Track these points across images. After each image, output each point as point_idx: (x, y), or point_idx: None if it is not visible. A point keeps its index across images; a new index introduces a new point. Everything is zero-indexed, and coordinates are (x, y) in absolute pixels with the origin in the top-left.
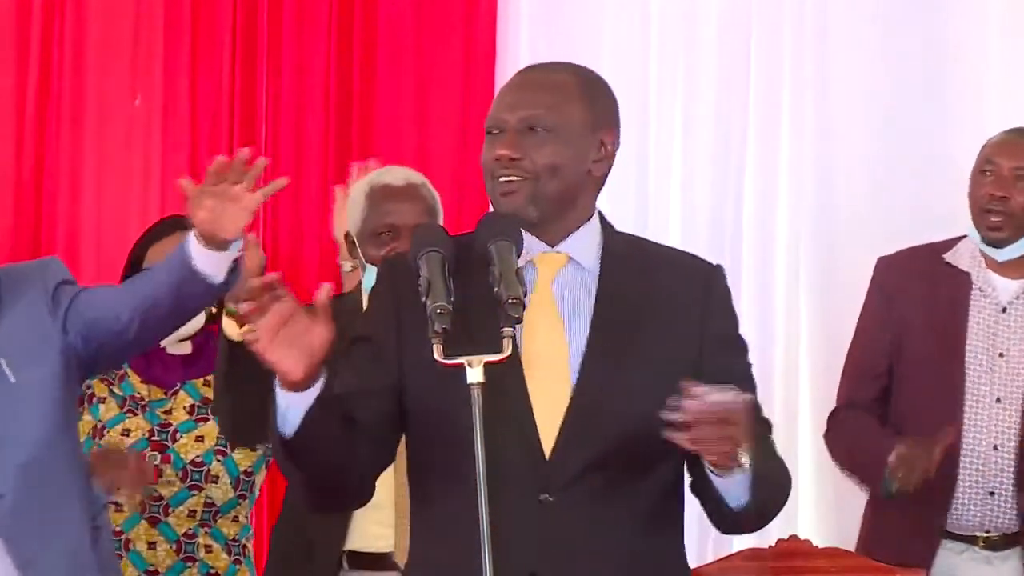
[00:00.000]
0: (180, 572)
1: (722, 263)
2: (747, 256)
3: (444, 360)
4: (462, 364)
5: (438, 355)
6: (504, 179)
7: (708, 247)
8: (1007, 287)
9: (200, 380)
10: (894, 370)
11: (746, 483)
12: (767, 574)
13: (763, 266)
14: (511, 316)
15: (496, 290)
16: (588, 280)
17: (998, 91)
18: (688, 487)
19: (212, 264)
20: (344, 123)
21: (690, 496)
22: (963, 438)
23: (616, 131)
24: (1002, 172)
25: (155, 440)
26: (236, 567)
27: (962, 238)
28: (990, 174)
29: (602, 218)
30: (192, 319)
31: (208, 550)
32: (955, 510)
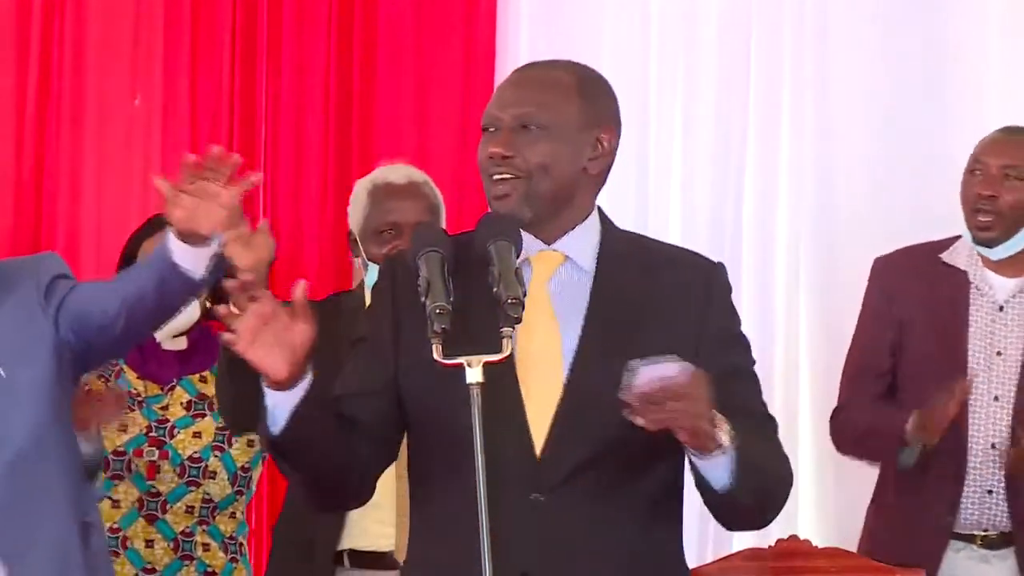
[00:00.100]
0: (177, 570)
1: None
2: (747, 256)
3: (443, 360)
4: (461, 364)
5: (437, 355)
6: (497, 177)
7: (708, 247)
8: (1004, 286)
9: (196, 376)
10: (895, 369)
11: (728, 464)
12: (767, 574)
13: (763, 266)
14: (510, 316)
15: (495, 290)
16: (584, 279)
17: (998, 91)
18: (694, 484)
19: (192, 260)
20: (344, 123)
21: (690, 496)
22: (966, 438)
23: (615, 129)
24: (990, 171)
25: (152, 436)
26: (232, 565)
27: (958, 238)
28: (979, 174)
29: (602, 216)
30: (179, 314)
31: (206, 548)
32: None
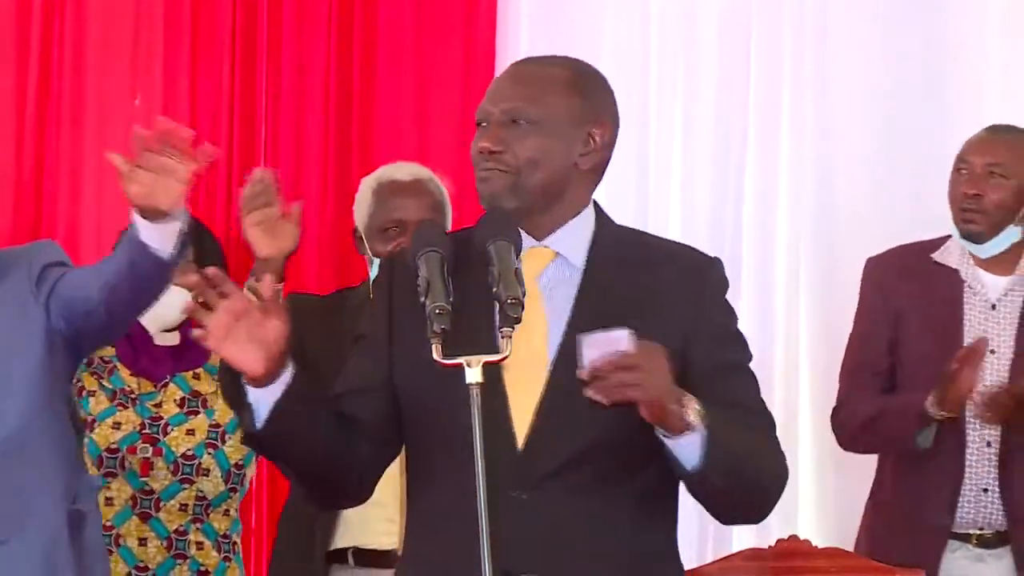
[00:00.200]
0: (170, 569)
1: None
2: (747, 256)
3: (443, 360)
4: (460, 364)
5: (437, 355)
6: (486, 171)
7: (708, 247)
8: (995, 284)
9: (189, 373)
10: (893, 367)
11: (698, 444)
12: (767, 574)
13: (763, 266)
14: (510, 316)
15: (495, 290)
16: (575, 275)
17: (998, 91)
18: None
19: (157, 237)
20: (344, 123)
21: (689, 495)
22: (964, 436)
23: (609, 125)
24: (975, 170)
25: (146, 433)
26: (226, 564)
27: (948, 238)
28: (965, 172)
29: (598, 211)
30: (161, 297)
31: (199, 547)
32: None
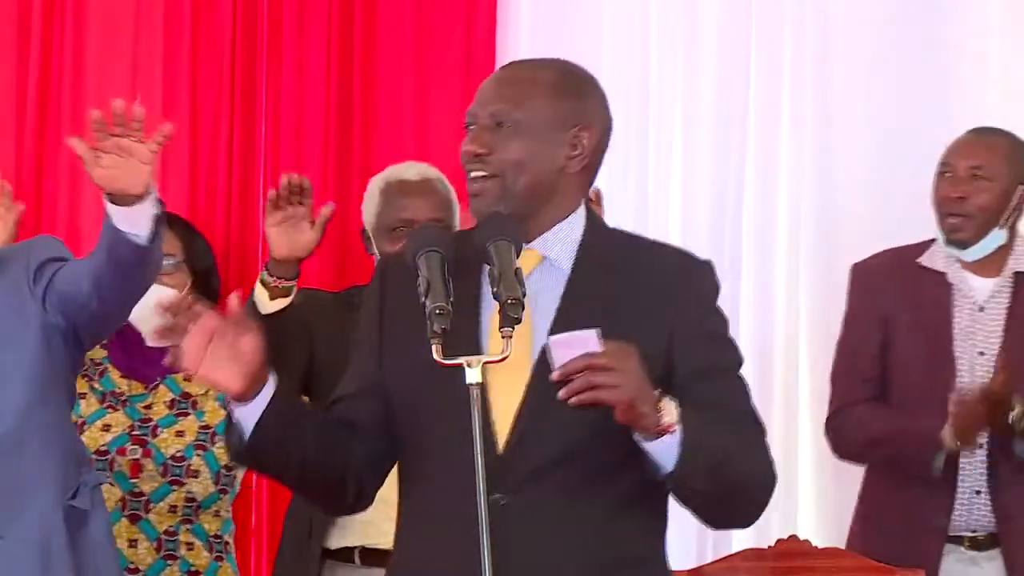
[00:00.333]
0: (161, 570)
1: (722, 263)
2: (747, 256)
3: (443, 360)
4: (460, 364)
5: (437, 355)
6: (473, 174)
7: (708, 247)
8: (983, 286)
9: (180, 375)
10: (885, 373)
11: (675, 446)
12: (767, 574)
13: (763, 266)
14: (510, 316)
15: (495, 290)
16: (561, 278)
17: (998, 91)
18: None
19: (130, 222)
20: (344, 123)
21: None
22: None
23: (597, 128)
24: (959, 172)
25: (135, 435)
26: (218, 564)
27: (932, 241)
28: (948, 175)
29: (590, 214)
30: (143, 287)
31: (189, 547)
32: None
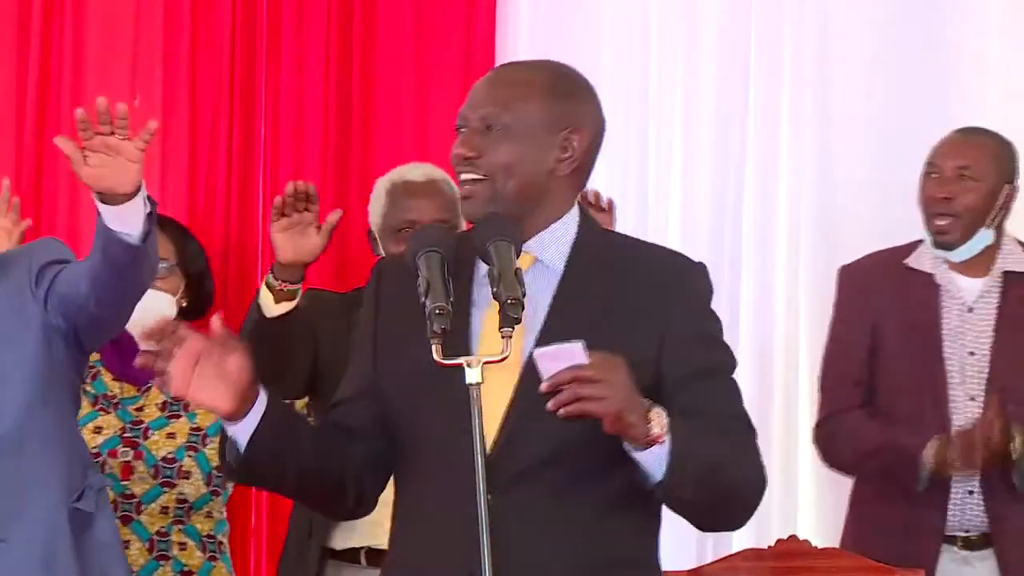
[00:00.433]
0: (153, 571)
1: (722, 263)
2: (747, 256)
3: (443, 360)
4: (460, 364)
5: (437, 355)
6: (463, 177)
7: (708, 247)
8: (971, 287)
9: None
10: (874, 376)
11: (663, 455)
12: (767, 574)
13: (763, 266)
14: (510, 316)
15: (495, 290)
16: (553, 280)
17: (998, 91)
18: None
19: (121, 220)
20: (344, 123)
21: None
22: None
23: (588, 130)
24: (945, 173)
25: (127, 437)
26: (212, 564)
27: (920, 242)
28: (935, 176)
29: (583, 216)
30: (140, 287)
31: (182, 547)
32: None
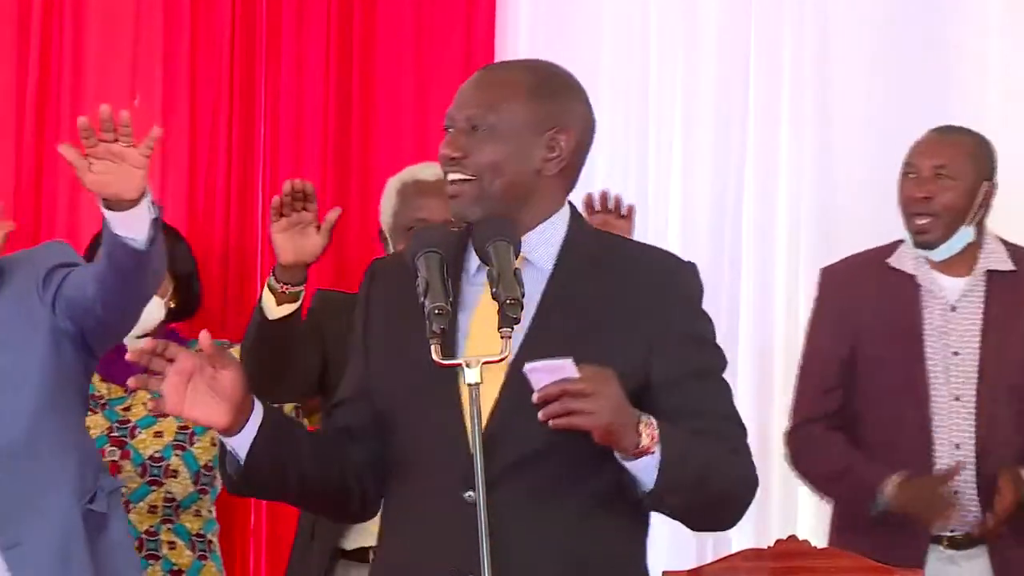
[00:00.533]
0: (143, 570)
1: (722, 263)
2: (747, 256)
3: (442, 360)
4: (459, 364)
5: (436, 355)
6: (450, 176)
7: (708, 247)
8: (954, 286)
9: None
10: (855, 378)
11: (654, 466)
12: (767, 574)
13: (763, 266)
14: (509, 317)
15: (494, 290)
16: (542, 279)
17: (998, 91)
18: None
19: (127, 226)
20: (344, 123)
21: None
22: (931, 439)
23: (575, 130)
24: (923, 173)
25: (114, 436)
26: (201, 563)
27: (901, 242)
28: (912, 176)
29: (574, 215)
30: (145, 292)
31: (171, 547)
32: None
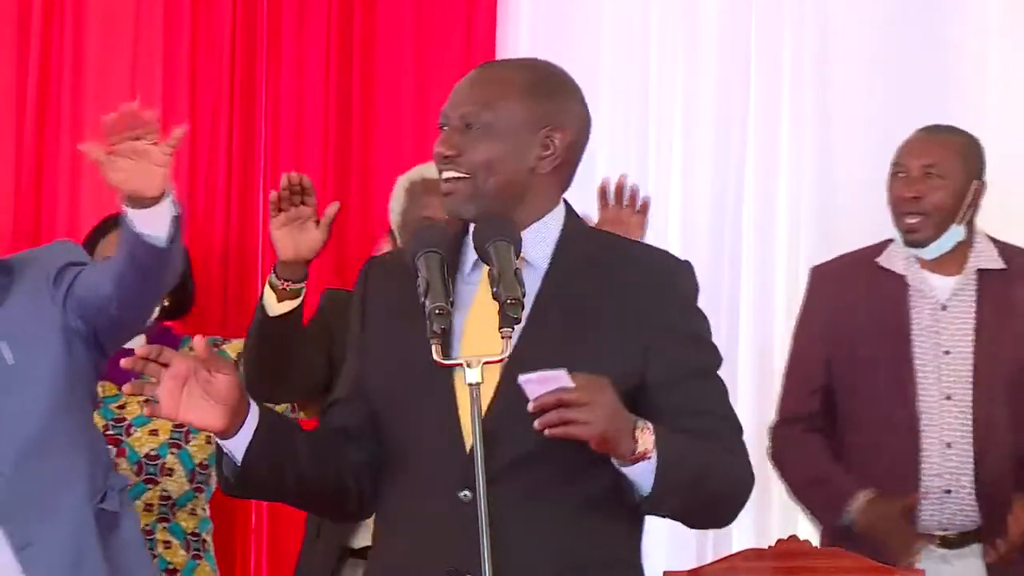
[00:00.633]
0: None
1: (722, 263)
2: (747, 256)
3: (443, 360)
4: (459, 364)
5: (437, 355)
6: (444, 174)
7: (708, 247)
8: (944, 285)
9: None
10: (843, 378)
11: (650, 472)
12: (767, 574)
13: (763, 266)
14: (510, 317)
15: (495, 290)
16: (536, 278)
17: (998, 91)
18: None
19: (149, 224)
20: (344, 123)
21: None
22: (919, 438)
23: (571, 129)
24: (912, 172)
25: (110, 435)
26: (196, 562)
27: (890, 241)
28: (902, 176)
29: (569, 214)
30: (162, 290)
31: (167, 546)
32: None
